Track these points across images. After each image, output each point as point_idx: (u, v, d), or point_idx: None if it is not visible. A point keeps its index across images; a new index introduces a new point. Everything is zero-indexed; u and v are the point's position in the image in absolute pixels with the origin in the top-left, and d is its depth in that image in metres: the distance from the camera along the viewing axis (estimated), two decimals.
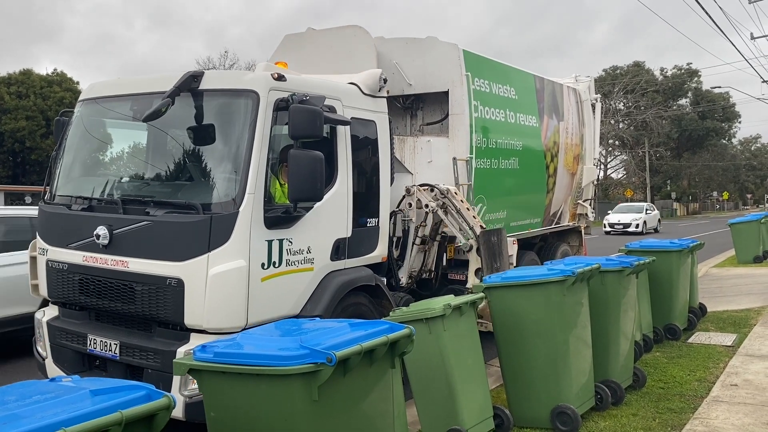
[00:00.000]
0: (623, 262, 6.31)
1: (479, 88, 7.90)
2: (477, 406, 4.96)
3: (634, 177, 60.47)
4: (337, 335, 3.29)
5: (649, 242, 8.83)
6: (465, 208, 6.95)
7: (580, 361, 5.48)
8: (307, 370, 2.98)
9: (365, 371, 3.29)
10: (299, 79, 5.54)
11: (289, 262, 5.18)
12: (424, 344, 4.63)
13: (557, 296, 5.27)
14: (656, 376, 6.68)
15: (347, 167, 5.80)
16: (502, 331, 5.46)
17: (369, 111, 6.20)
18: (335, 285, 5.51)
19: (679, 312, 8.42)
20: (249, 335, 3.46)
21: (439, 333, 4.70)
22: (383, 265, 6.38)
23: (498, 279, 5.50)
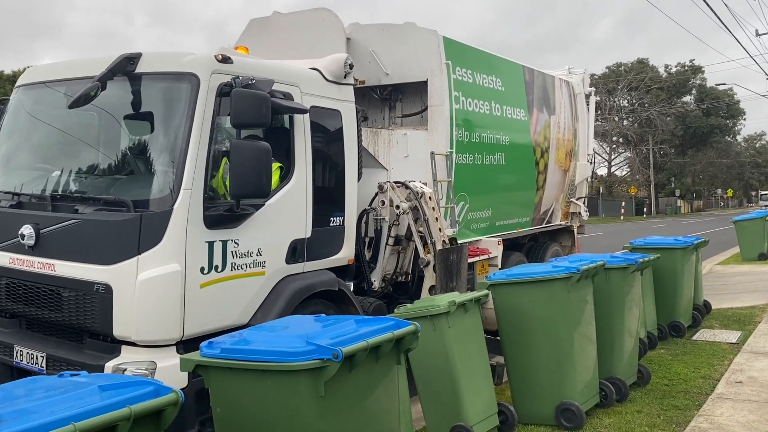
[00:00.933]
0: (628, 259, 6.32)
1: (461, 78, 7.44)
2: (481, 402, 4.97)
3: (638, 174, 60.32)
4: (343, 331, 3.31)
5: (653, 239, 8.84)
6: (434, 218, 6.45)
7: (584, 358, 5.49)
8: (314, 366, 2.99)
9: (371, 367, 3.30)
10: (249, 62, 5.06)
11: (235, 266, 4.70)
12: (429, 341, 4.64)
13: (562, 293, 5.28)
14: (661, 373, 6.69)
15: (306, 161, 5.28)
16: (507, 328, 5.47)
17: (333, 99, 5.66)
18: (290, 291, 5.03)
19: (683, 309, 8.42)
20: (256, 331, 3.47)
21: (444, 330, 4.71)
22: (350, 268, 5.89)
23: (503, 276, 5.51)
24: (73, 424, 2.18)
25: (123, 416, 2.33)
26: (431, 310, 4.70)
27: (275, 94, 4.76)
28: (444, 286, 6.26)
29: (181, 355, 3.37)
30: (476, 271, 7.50)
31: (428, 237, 6.39)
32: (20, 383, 2.69)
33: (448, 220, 7.04)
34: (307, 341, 3.08)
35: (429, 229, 6.40)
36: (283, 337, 3.26)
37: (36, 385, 2.64)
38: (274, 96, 4.70)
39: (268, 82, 4.65)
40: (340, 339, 3.15)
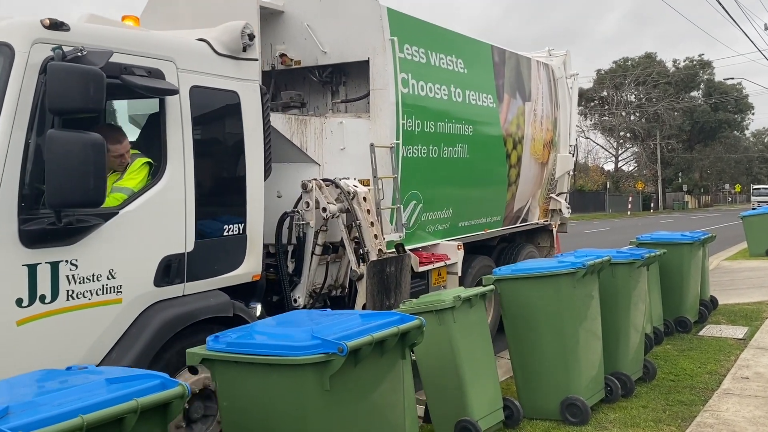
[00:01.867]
0: (634, 254, 6.30)
1: (411, 57, 6.41)
2: (487, 397, 4.98)
3: (646, 169, 60.13)
4: (348, 326, 3.32)
5: (660, 235, 8.81)
6: (368, 222, 5.54)
7: (590, 353, 5.49)
8: (319, 360, 3.01)
9: (376, 362, 3.32)
10: (95, 30, 4.00)
11: (74, 295, 3.68)
12: (434, 336, 4.63)
13: (567, 288, 5.28)
14: (667, 369, 6.68)
15: (183, 155, 4.28)
16: (512, 323, 5.47)
17: (227, 78, 4.65)
18: (160, 321, 4.03)
19: (690, 305, 8.39)
20: (261, 325, 3.50)
21: (450, 324, 4.72)
22: (259, 285, 4.94)
23: (508, 271, 5.51)
24: (80, 417, 2.20)
25: (130, 409, 2.35)
26: (437, 305, 4.70)
27: (130, 69, 3.94)
28: (378, 304, 5.40)
29: (188, 350, 3.38)
30: (431, 279, 6.67)
31: (362, 245, 5.56)
32: (28, 376, 2.72)
33: (393, 223, 6.20)
34: (312, 335, 3.10)
35: (362, 235, 5.52)
36: (288, 331, 3.28)
37: (44, 377, 2.67)
38: (125, 72, 3.90)
39: (104, 54, 3.65)
40: (345, 333, 3.17)
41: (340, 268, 5.84)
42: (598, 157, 65.94)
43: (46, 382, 2.61)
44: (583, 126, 60.57)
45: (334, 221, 5.55)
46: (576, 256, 5.85)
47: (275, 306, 5.43)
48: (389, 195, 6.16)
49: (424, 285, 6.54)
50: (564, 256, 5.97)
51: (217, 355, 3.25)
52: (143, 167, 4.23)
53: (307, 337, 3.10)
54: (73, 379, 2.59)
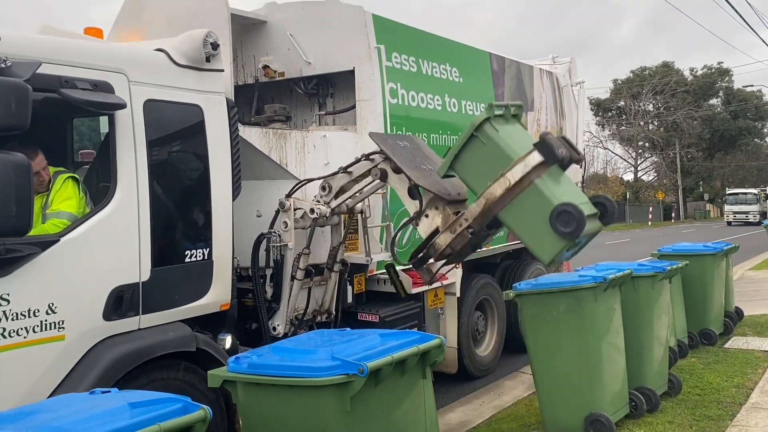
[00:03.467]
0: (656, 267, 6.24)
1: (399, 66, 6.17)
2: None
3: (666, 179, 59.57)
4: (367, 346, 3.32)
5: (682, 246, 8.72)
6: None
7: (613, 368, 5.43)
8: (339, 381, 3.01)
9: (397, 381, 3.31)
10: (29, 40, 3.73)
11: (6, 333, 3.37)
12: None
13: (589, 303, 5.23)
14: (692, 383, 6.57)
15: (136, 175, 3.96)
16: (534, 338, 5.43)
17: (187, 90, 4.31)
18: (109, 359, 3.71)
19: (714, 316, 8.28)
20: (281, 346, 3.50)
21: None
22: (228, 314, 4.56)
23: (529, 286, 5.48)
24: None
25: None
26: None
27: (72, 83, 3.64)
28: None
29: (209, 371, 3.39)
30: (426, 301, 6.41)
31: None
32: (52, 401, 2.74)
33: (383, 242, 5.95)
34: (332, 356, 3.10)
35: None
36: (308, 352, 3.28)
37: (67, 402, 2.69)
38: (66, 86, 3.61)
39: (30, 65, 3.35)
40: (365, 354, 3.16)
41: (326, 292, 5.52)
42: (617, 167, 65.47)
43: (69, 406, 2.63)
44: (600, 136, 60.25)
45: (318, 239, 5.30)
46: (597, 269, 5.80)
47: (253, 334, 5.15)
48: (378, 212, 5.90)
49: (418, 308, 6.24)
50: (585, 270, 5.92)
51: (238, 376, 3.26)
52: (71, 184, 3.92)
53: (327, 358, 3.10)
54: (97, 403, 2.60)
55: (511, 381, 7.24)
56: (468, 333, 7.13)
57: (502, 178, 4.15)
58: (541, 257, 4.27)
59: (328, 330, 4.02)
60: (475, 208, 4.31)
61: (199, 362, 4.20)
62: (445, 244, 4.52)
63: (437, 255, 4.60)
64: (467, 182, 4.48)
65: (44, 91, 3.51)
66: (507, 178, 4.14)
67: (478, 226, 4.38)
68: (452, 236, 4.47)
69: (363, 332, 3.72)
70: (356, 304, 5.93)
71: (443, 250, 4.55)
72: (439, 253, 4.59)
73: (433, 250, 4.58)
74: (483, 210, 4.26)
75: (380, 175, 4.97)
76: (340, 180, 5.25)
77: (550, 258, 4.18)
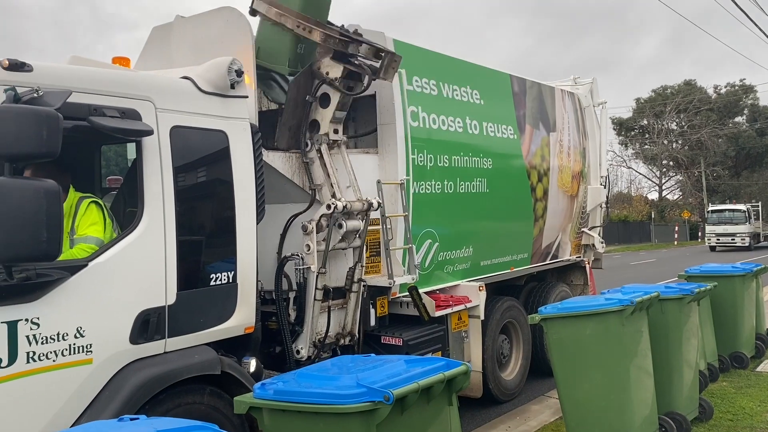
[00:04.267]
0: (683, 289, 6.16)
1: (420, 89, 6.24)
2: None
3: (691, 197, 58.86)
4: (393, 372, 3.31)
5: (709, 267, 8.59)
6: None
7: (641, 392, 5.34)
8: (365, 408, 3.00)
9: (423, 408, 3.29)
10: (62, 70, 3.85)
11: (35, 357, 3.42)
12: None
13: (616, 326, 5.17)
14: (724, 408, 6.44)
15: (163, 200, 4.02)
16: (560, 362, 5.37)
17: (213, 116, 4.41)
18: (135, 383, 3.72)
19: (745, 339, 8.13)
20: (306, 373, 3.50)
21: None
22: (252, 337, 4.57)
23: (554, 310, 5.43)
24: None
25: None
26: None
27: (101, 110, 3.74)
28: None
29: (235, 398, 3.40)
30: (450, 324, 6.33)
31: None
32: (81, 428, 2.76)
33: (405, 265, 5.93)
34: (357, 383, 3.10)
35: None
36: (334, 379, 3.28)
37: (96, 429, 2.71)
38: (95, 113, 3.70)
39: (61, 94, 3.45)
40: (391, 381, 3.16)
41: (347, 314, 5.46)
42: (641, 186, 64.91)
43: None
44: (624, 155, 59.80)
45: (338, 261, 5.33)
46: (623, 292, 5.74)
47: (276, 357, 5.14)
48: (401, 234, 5.90)
49: (442, 331, 6.21)
50: (611, 293, 5.85)
51: (264, 403, 3.27)
52: (95, 209, 3.98)
53: (353, 385, 3.10)
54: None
55: (537, 405, 7.15)
56: (493, 356, 7.06)
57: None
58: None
59: (353, 356, 4.01)
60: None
61: (223, 386, 4.21)
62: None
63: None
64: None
65: (74, 119, 3.59)
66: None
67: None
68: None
69: (387, 358, 3.72)
70: (379, 327, 5.89)
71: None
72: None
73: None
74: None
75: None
76: (319, 176, 5.36)
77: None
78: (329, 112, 5.42)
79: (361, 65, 5.45)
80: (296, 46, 5.57)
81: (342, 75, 5.35)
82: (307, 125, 5.45)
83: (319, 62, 5.44)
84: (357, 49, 5.36)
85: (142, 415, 2.91)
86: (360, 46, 5.36)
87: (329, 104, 5.43)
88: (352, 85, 5.48)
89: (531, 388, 7.70)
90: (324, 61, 5.41)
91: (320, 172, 5.38)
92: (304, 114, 5.45)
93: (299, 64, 5.55)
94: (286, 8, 5.44)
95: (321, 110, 5.46)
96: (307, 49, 5.60)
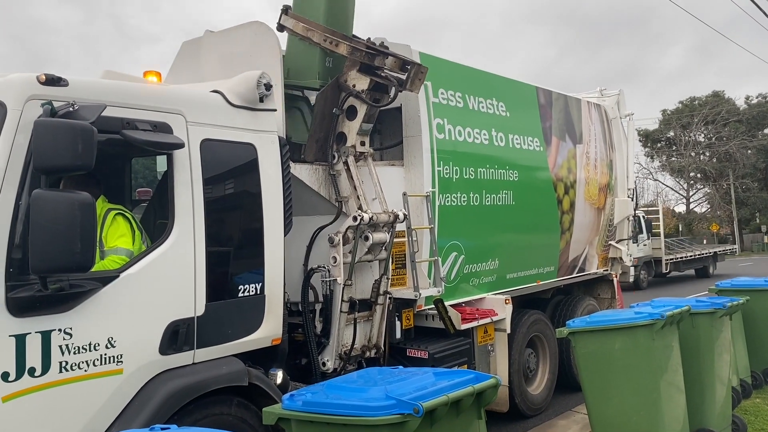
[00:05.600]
0: (715, 303, 6.06)
1: (446, 101, 6.26)
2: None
3: (719, 210, 57.97)
4: (422, 385, 3.29)
5: (741, 281, 8.43)
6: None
7: (673, 408, 5.25)
8: (395, 420, 2.98)
9: (452, 422, 3.26)
10: (96, 84, 3.92)
11: (68, 366, 3.46)
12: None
13: (646, 340, 5.10)
14: (758, 425, 6.31)
15: (193, 212, 4.06)
16: (589, 376, 5.31)
17: (242, 130, 4.45)
18: (164, 394, 3.75)
19: None
20: (335, 384, 3.50)
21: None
22: (279, 349, 4.58)
23: (582, 323, 5.38)
24: None
25: None
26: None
27: (133, 124, 3.79)
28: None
29: (264, 408, 3.41)
30: (476, 338, 6.28)
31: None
32: None
33: (431, 277, 5.95)
34: (386, 395, 3.08)
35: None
36: (362, 391, 3.27)
37: None
38: (127, 127, 3.75)
39: (96, 108, 3.48)
40: (420, 393, 3.14)
41: (373, 326, 5.46)
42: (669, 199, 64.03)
43: None
44: (650, 168, 59.12)
45: (364, 274, 5.33)
46: (653, 306, 5.66)
47: (303, 369, 5.14)
48: (426, 246, 5.89)
49: (468, 344, 6.18)
50: (641, 307, 5.78)
51: (293, 414, 3.27)
52: (122, 221, 4.02)
53: (382, 397, 3.08)
54: None
55: (564, 420, 7.06)
56: (519, 370, 7.00)
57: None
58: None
59: (380, 368, 4.00)
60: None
61: (250, 397, 4.23)
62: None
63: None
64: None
65: (108, 133, 3.66)
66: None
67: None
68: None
69: (416, 371, 3.70)
70: (405, 339, 5.88)
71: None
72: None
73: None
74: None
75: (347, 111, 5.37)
76: (345, 187, 5.37)
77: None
78: (356, 124, 5.45)
79: (388, 77, 5.49)
80: (324, 60, 5.64)
81: (369, 87, 5.40)
82: (334, 137, 5.49)
83: (346, 75, 5.49)
84: (383, 62, 5.40)
85: (173, 425, 2.93)
86: (386, 58, 5.40)
87: (356, 116, 5.46)
88: (379, 97, 5.53)
89: (558, 403, 7.61)
90: (351, 74, 5.45)
91: (347, 185, 5.40)
92: (331, 126, 5.50)
93: (329, 77, 5.60)
94: (313, 23, 5.50)
95: (348, 122, 5.49)
96: (335, 62, 5.67)
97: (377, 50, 5.43)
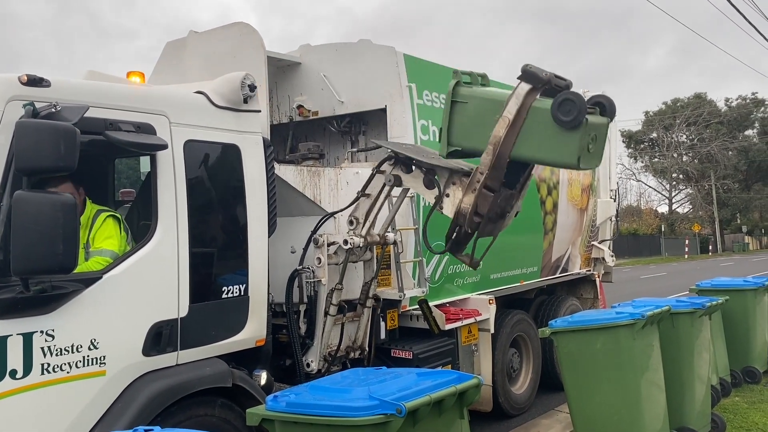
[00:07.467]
0: (695, 303, 6.14)
1: (430, 103, 6.26)
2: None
3: (701, 211, 58.60)
4: (405, 385, 3.31)
5: (721, 281, 8.55)
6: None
7: (653, 407, 5.32)
8: (378, 421, 3.00)
9: (434, 421, 3.29)
10: (77, 86, 3.87)
11: (50, 368, 3.44)
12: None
13: (627, 340, 5.16)
14: (737, 423, 6.40)
15: (176, 213, 4.05)
16: (571, 376, 5.36)
17: (226, 131, 4.43)
18: (148, 395, 3.74)
19: (757, 354, 8.07)
20: (319, 385, 3.51)
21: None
22: (263, 350, 4.59)
23: (565, 323, 5.43)
24: None
25: None
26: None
27: (116, 125, 3.77)
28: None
29: (248, 409, 3.41)
30: (460, 338, 6.35)
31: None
32: None
33: (416, 278, 5.94)
34: (369, 396, 3.11)
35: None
36: (346, 391, 3.29)
37: None
38: (111, 128, 3.73)
39: (78, 109, 3.46)
40: (403, 393, 3.16)
41: (359, 328, 5.50)
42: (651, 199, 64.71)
43: None
44: (633, 168, 59.67)
45: (351, 275, 5.31)
46: (634, 306, 5.73)
47: (287, 370, 5.16)
48: (411, 247, 5.92)
49: (452, 344, 6.21)
50: (622, 306, 5.84)
51: (277, 415, 3.28)
52: (112, 223, 4.01)
53: (365, 398, 3.10)
54: None
55: (547, 420, 7.12)
56: (503, 370, 7.04)
57: (500, 119, 4.17)
58: (568, 163, 4.15)
59: (364, 368, 4.02)
60: (486, 157, 4.29)
61: (234, 398, 4.22)
62: (470, 206, 4.44)
63: (466, 222, 4.48)
64: (471, 148, 4.48)
65: (91, 134, 3.64)
66: (505, 117, 4.16)
67: (496, 181, 4.34)
68: (474, 195, 4.41)
69: (399, 371, 3.72)
70: (389, 340, 5.91)
71: (470, 217, 4.45)
72: (468, 220, 4.47)
73: (462, 217, 4.52)
74: (493, 158, 4.24)
75: (394, 181, 5.05)
76: (363, 206, 5.29)
77: (575, 156, 4.02)
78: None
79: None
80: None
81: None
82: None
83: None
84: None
85: (156, 426, 2.92)
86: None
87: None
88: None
89: (541, 402, 7.66)
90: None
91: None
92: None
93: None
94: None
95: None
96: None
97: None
